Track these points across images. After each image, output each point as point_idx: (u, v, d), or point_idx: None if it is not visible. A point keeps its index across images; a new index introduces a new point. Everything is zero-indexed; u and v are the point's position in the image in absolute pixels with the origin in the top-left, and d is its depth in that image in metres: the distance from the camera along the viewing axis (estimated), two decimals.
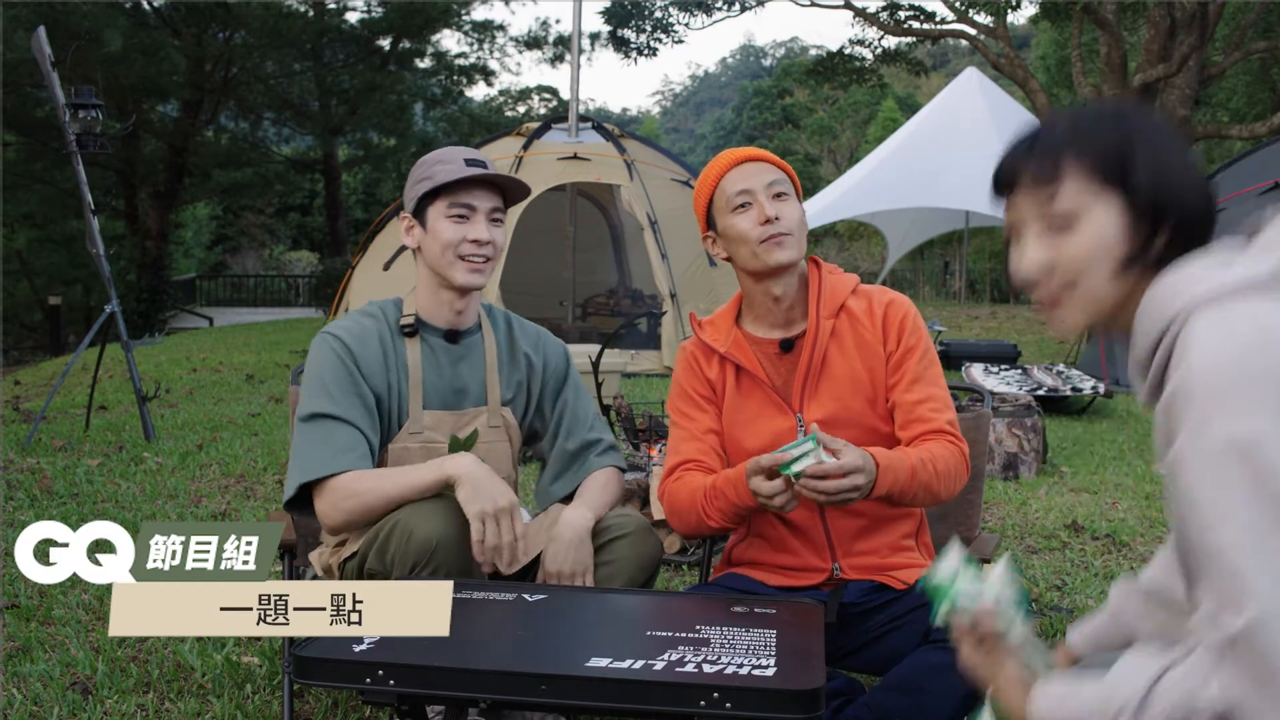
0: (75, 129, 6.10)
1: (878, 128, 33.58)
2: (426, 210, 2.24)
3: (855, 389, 2.13)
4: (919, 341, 2.15)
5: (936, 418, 2.09)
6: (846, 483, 1.86)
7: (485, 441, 2.29)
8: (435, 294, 2.28)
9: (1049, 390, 6.93)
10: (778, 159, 2.20)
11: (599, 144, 10.10)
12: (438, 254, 2.23)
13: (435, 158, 2.27)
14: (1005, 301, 24.65)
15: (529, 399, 2.39)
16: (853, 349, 2.15)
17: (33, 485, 4.71)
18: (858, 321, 2.16)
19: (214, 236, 33.78)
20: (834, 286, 2.19)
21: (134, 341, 6.16)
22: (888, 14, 13.89)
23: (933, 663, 1.92)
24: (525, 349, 2.39)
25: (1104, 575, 3.58)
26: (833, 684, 2.02)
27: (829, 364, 2.14)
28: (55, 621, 3.04)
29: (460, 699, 1.66)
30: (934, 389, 2.12)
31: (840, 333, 2.16)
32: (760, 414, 2.16)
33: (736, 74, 78.40)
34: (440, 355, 2.28)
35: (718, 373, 2.22)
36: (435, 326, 2.29)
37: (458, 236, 2.22)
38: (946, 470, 2.03)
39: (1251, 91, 21.03)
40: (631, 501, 3.97)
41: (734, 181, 2.15)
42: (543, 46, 25.33)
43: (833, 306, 2.16)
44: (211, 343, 13.45)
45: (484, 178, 2.23)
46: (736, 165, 2.17)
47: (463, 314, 2.30)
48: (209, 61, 20.89)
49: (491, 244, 2.25)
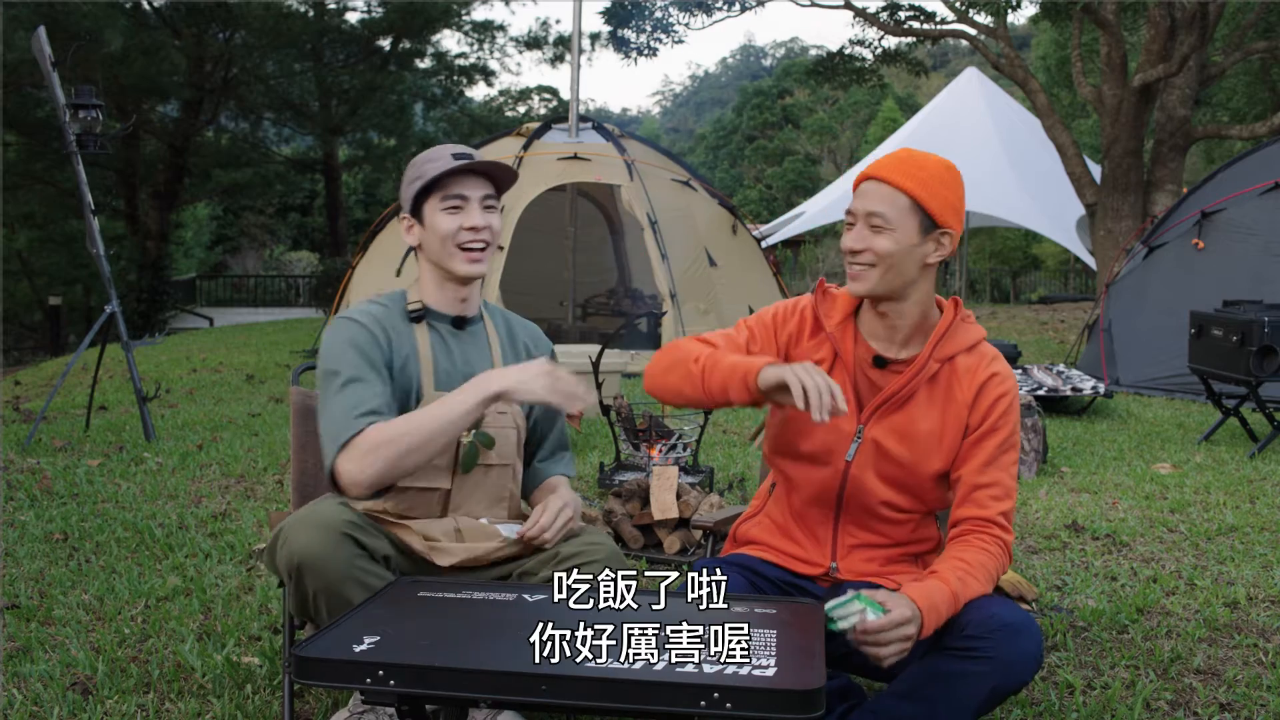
0: (75, 129, 6.10)
1: (878, 128, 33.57)
2: (423, 207, 2.32)
3: (925, 436, 2.11)
4: (1005, 425, 2.10)
5: (992, 506, 2.06)
6: (899, 633, 1.83)
7: (494, 426, 2.33)
8: (440, 286, 2.36)
9: (1049, 390, 6.93)
10: (906, 182, 2.04)
11: (599, 144, 10.10)
12: (438, 247, 2.31)
13: (425, 157, 2.35)
14: (1005, 301, 24.65)
15: None
16: (941, 399, 2.12)
17: (33, 485, 4.71)
18: (958, 377, 2.13)
19: (214, 237, 33.79)
20: (957, 335, 2.14)
21: (134, 342, 6.16)
22: (888, 14, 13.87)
23: (945, 672, 1.91)
24: (524, 340, 2.49)
25: (1104, 575, 3.58)
26: (832, 684, 2.02)
27: (913, 402, 2.12)
28: (55, 622, 3.04)
29: (460, 699, 1.66)
30: (1001, 475, 2.09)
31: (938, 379, 2.13)
32: None
33: (737, 74, 78.41)
34: (449, 340, 2.36)
35: (811, 346, 2.17)
36: (442, 314, 2.37)
37: (454, 226, 2.29)
38: (987, 575, 2.01)
39: (1251, 91, 21.01)
40: (631, 502, 3.97)
41: (852, 197, 2.12)
42: (543, 47, 25.35)
43: (946, 352, 2.13)
44: (212, 343, 13.45)
45: (472, 167, 2.31)
46: (866, 180, 2.10)
47: (467, 302, 2.38)
48: (209, 61, 20.91)
49: (488, 229, 2.32)
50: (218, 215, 33.06)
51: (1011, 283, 28.16)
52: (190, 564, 3.61)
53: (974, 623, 1.91)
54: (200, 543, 3.87)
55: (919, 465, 2.11)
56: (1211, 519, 4.29)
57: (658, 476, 3.93)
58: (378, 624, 1.77)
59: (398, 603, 1.91)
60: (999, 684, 1.89)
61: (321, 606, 2.01)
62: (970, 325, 2.18)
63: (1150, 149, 11.91)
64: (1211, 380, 5.98)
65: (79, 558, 3.68)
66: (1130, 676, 2.70)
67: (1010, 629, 1.89)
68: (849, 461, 2.13)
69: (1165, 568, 3.65)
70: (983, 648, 1.88)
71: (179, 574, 3.49)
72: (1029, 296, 24.89)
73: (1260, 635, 2.99)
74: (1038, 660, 1.91)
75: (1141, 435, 6.28)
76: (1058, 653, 2.87)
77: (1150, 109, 11.61)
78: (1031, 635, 1.90)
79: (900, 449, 2.11)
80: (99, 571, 3.51)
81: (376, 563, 2.06)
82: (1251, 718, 2.48)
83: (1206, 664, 2.78)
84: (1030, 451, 5.20)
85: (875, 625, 1.82)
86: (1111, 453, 5.73)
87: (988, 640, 1.88)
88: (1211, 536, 4.04)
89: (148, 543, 3.87)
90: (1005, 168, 18.01)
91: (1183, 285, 7.91)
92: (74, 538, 3.93)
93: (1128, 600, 3.27)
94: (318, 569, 2.00)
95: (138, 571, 3.52)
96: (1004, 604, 1.97)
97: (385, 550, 2.09)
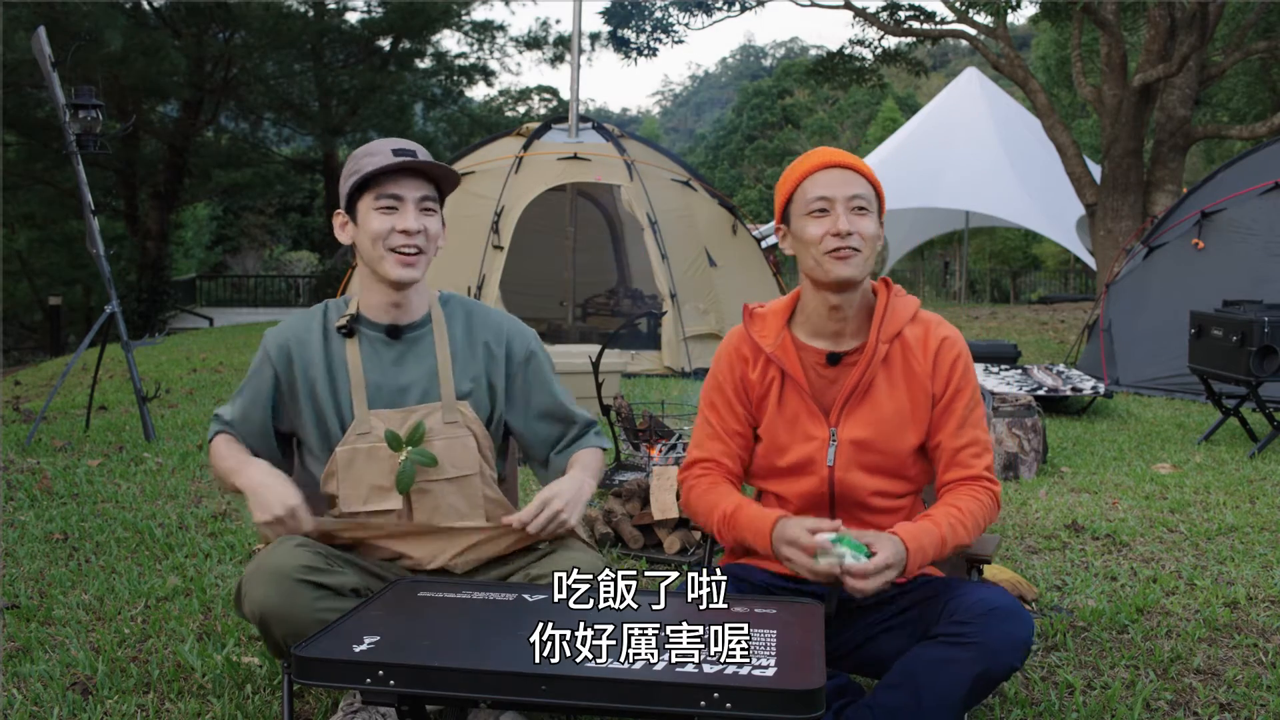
0: (75, 129, 6.10)
1: (878, 128, 33.54)
2: (357, 204, 2.21)
3: (895, 416, 2.14)
4: (967, 385, 2.16)
5: (976, 464, 2.13)
6: (882, 579, 1.89)
7: (443, 437, 2.23)
8: (372, 289, 2.25)
9: (1049, 390, 6.93)
10: (866, 169, 2.15)
11: (599, 144, 10.10)
12: (369, 248, 2.20)
13: (364, 150, 2.23)
14: (1005, 301, 24.64)
15: (492, 391, 2.32)
16: (900, 377, 2.15)
17: (33, 485, 4.71)
18: (910, 351, 2.15)
19: (214, 237, 33.77)
20: (896, 310, 2.17)
21: (134, 342, 6.15)
22: (888, 14, 13.87)
23: (930, 658, 1.92)
24: (485, 339, 2.33)
25: (1104, 575, 3.58)
26: (830, 682, 2.02)
27: (874, 388, 2.14)
28: (55, 622, 3.04)
29: (461, 699, 1.66)
30: (976, 432, 2.15)
31: (892, 359, 2.15)
32: (796, 421, 2.17)
33: (737, 74, 78.34)
34: (382, 352, 2.25)
35: (759, 375, 2.20)
36: (376, 323, 2.26)
37: (385, 228, 2.17)
38: (976, 523, 2.07)
39: (1252, 91, 21.03)
40: (631, 502, 3.97)
41: (818, 185, 2.11)
42: (543, 47, 25.35)
43: (891, 331, 2.15)
44: (212, 343, 13.44)
45: (412, 165, 2.18)
46: (825, 169, 2.13)
47: (401, 308, 2.26)
48: (209, 62, 20.90)
49: (423, 233, 2.19)
50: (218, 215, 33.06)
51: (1011, 283, 28.16)
52: (190, 564, 3.61)
53: (962, 608, 1.93)
54: (200, 543, 3.87)
55: (897, 445, 2.14)
56: (1211, 519, 4.29)
57: (658, 477, 3.93)
58: (378, 624, 1.77)
59: (398, 603, 1.91)
60: (985, 669, 1.89)
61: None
62: (904, 298, 2.22)
63: (1150, 149, 11.91)
64: (1211, 380, 5.98)
65: (79, 558, 3.68)
66: (1130, 676, 2.70)
67: (997, 613, 1.90)
68: (831, 466, 2.15)
69: (1165, 568, 3.65)
70: (968, 633, 1.89)
71: (179, 574, 3.49)
72: (1029, 296, 24.90)
73: (1260, 635, 2.99)
74: (1026, 645, 1.91)
75: (1141, 435, 6.28)
76: (1058, 653, 2.87)
77: (1150, 109, 11.60)
78: (1019, 620, 1.91)
79: (876, 436, 2.13)
80: (99, 571, 3.51)
81: (344, 597, 2.03)
82: (1252, 718, 2.48)
83: (1206, 664, 2.78)
84: (1030, 451, 5.20)
85: (859, 569, 1.87)
86: (1111, 453, 5.73)
87: (973, 625, 1.90)
88: (1211, 536, 4.04)
89: (148, 543, 3.87)
90: (1005, 168, 18.01)
91: (1183, 285, 7.90)
92: (74, 538, 3.93)
93: (1128, 600, 3.27)
94: (281, 619, 2.00)
95: (138, 571, 3.52)
96: (992, 589, 1.99)
97: (352, 582, 2.07)
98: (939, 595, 2.04)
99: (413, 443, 2.19)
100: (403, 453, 2.19)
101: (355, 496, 2.23)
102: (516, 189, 9.53)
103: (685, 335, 9.25)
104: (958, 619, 1.92)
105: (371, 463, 2.21)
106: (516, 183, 9.57)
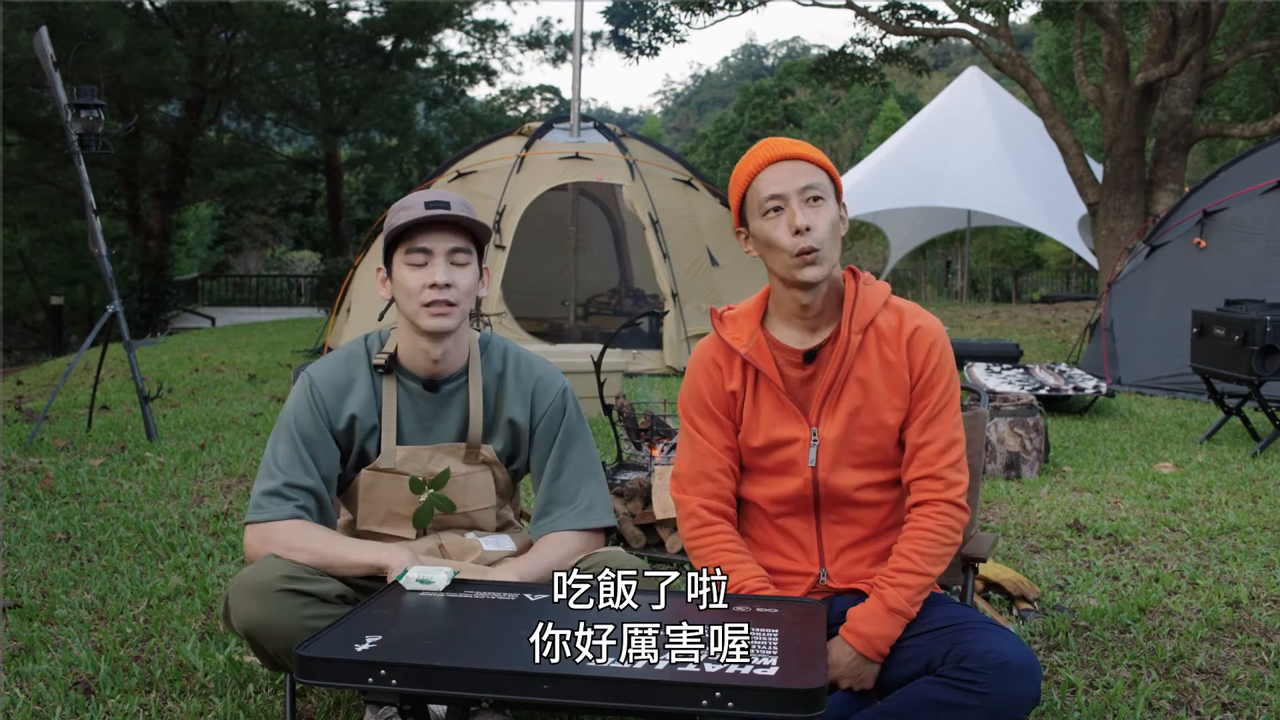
0: (77, 129, 6.10)
1: (879, 127, 33.52)
2: (392, 259, 2.21)
3: (874, 407, 2.10)
4: (941, 378, 2.11)
5: (938, 461, 2.08)
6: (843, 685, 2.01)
7: (464, 473, 2.26)
8: (413, 341, 2.23)
9: (1051, 390, 6.93)
10: (816, 155, 2.09)
11: (601, 144, 10.10)
12: (404, 301, 2.19)
13: (400, 204, 2.21)
14: (1007, 301, 24.62)
15: (517, 447, 2.35)
16: (877, 367, 2.11)
17: (35, 485, 4.71)
18: (884, 340, 2.12)
19: (216, 236, 33.79)
20: (867, 299, 2.13)
21: (136, 341, 6.16)
22: (889, 13, 13.86)
23: (936, 698, 1.89)
24: (516, 397, 2.31)
25: (1106, 575, 3.57)
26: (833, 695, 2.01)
27: (852, 380, 2.11)
28: (58, 621, 3.04)
29: (462, 698, 1.66)
30: (943, 428, 2.10)
31: (866, 349, 2.11)
32: (776, 422, 2.14)
33: (738, 73, 78.30)
34: (418, 401, 2.26)
35: (739, 380, 2.17)
36: (414, 374, 2.25)
37: (418, 284, 2.15)
38: (938, 555, 2.05)
39: (1253, 90, 21.00)
40: (633, 501, 3.97)
41: (768, 183, 2.06)
42: (544, 46, 25.35)
43: (863, 321, 2.11)
44: (214, 342, 13.45)
45: (441, 219, 2.15)
46: (772, 164, 2.07)
47: (440, 362, 2.24)
48: (211, 61, 20.90)
49: (453, 287, 2.16)
50: (220, 215, 33.07)
51: (1013, 282, 28.13)
52: (192, 563, 3.61)
53: (974, 655, 1.89)
54: (202, 542, 3.87)
55: (881, 437, 2.11)
56: (1213, 518, 4.28)
57: (659, 476, 3.93)
58: (380, 624, 1.77)
59: (399, 603, 1.91)
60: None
61: (287, 661, 2.01)
62: (874, 285, 2.17)
63: (1152, 148, 11.89)
64: (1213, 379, 5.97)
65: (81, 557, 3.68)
66: (1132, 676, 2.70)
67: (1009, 668, 1.86)
68: (814, 467, 2.12)
69: (1167, 567, 3.65)
70: (980, 682, 1.86)
71: (181, 573, 3.50)
72: (1031, 296, 24.86)
73: (1263, 635, 2.99)
74: (1034, 701, 1.88)
75: (1143, 435, 6.28)
76: (1060, 652, 2.87)
77: (1152, 108, 11.59)
78: (1030, 676, 1.87)
79: (858, 430, 2.11)
80: (101, 571, 3.51)
81: (329, 604, 2.03)
82: (1254, 717, 2.47)
83: (1209, 663, 2.78)
84: (1032, 451, 5.19)
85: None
86: (1113, 452, 5.72)
87: (984, 675, 1.86)
88: (1214, 536, 4.04)
89: (150, 542, 3.87)
90: (1007, 167, 18.00)
91: (1185, 284, 7.90)
92: (76, 537, 3.93)
93: (1130, 600, 3.27)
94: (268, 633, 2.00)
95: (140, 571, 3.52)
96: (1006, 638, 1.92)
97: (336, 589, 2.07)
98: (948, 628, 1.98)
99: (435, 486, 2.24)
100: (424, 495, 2.24)
101: (373, 517, 2.29)
102: (518, 188, 9.53)
103: (687, 334, 9.25)
104: (968, 665, 1.88)
105: (392, 491, 2.26)
106: (518, 182, 9.57)
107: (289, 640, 1.95)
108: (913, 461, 2.10)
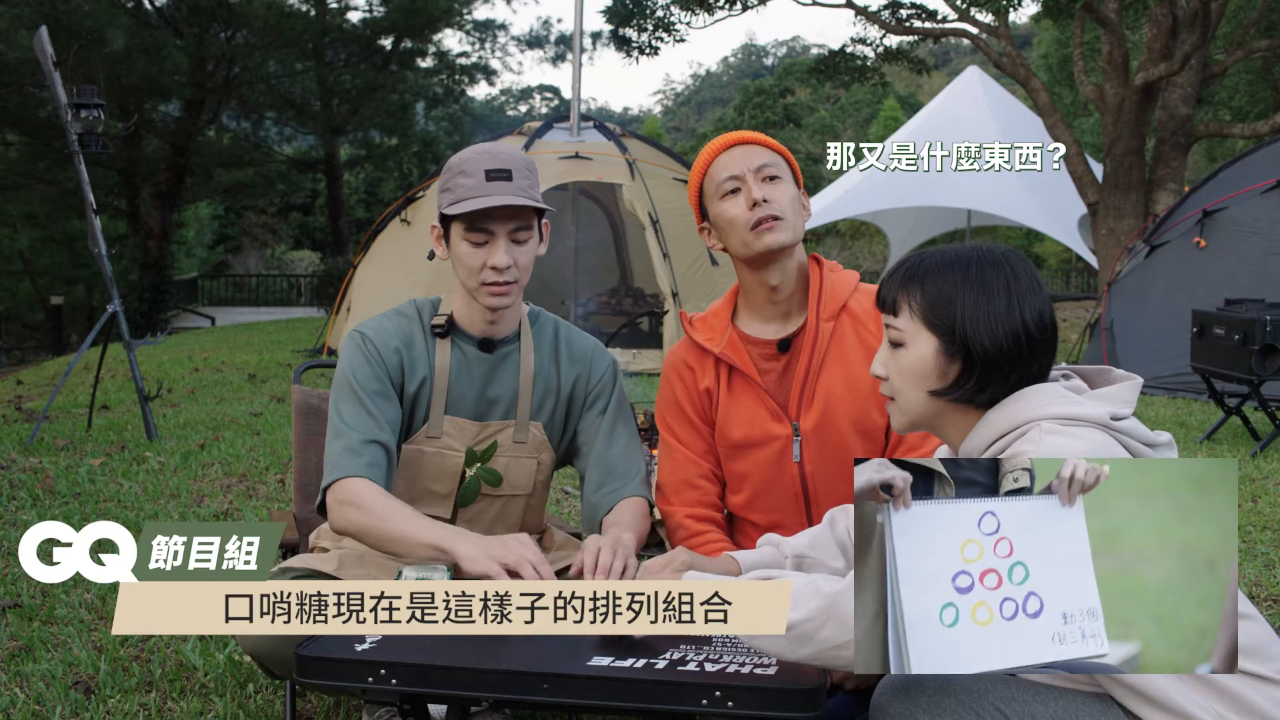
0: (77, 129, 6.10)
1: (879, 127, 33.52)
2: (450, 227, 2.14)
3: (855, 393, 2.07)
4: None
5: (923, 445, 2.04)
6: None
7: (506, 455, 2.21)
8: (468, 304, 2.19)
9: None
10: (770, 140, 2.10)
11: (601, 143, 10.10)
12: (463, 275, 2.14)
13: (459, 165, 2.12)
14: None
15: (567, 416, 2.28)
16: (854, 350, 2.08)
17: (35, 485, 4.71)
18: (860, 322, 2.09)
19: (216, 236, 33.80)
20: (834, 286, 2.11)
21: (136, 341, 6.16)
22: (889, 13, 13.86)
23: None
24: (568, 365, 2.27)
25: None
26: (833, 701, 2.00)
27: (827, 368, 2.08)
28: (58, 621, 3.04)
29: (463, 698, 1.66)
30: None
31: (841, 334, 2.09)
32: (754, 418, 2.12)
33: (738, 73, 78.27)
34: (473, 363, 2.20)
35: (712, 378, 2.14)
36: (469, 334, 2.20)
37: (477, 263, 2.10)
38: None
39: (1253, 90, 21.00)
40: None
41: (723, 167, 2.06)
42: (544, 46, 25.42)
43: (833, 308, 2.09)
44: (213, 342, 13.45)
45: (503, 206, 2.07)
46: (725, 150, 2.08)
47: (496, 324, 2.19)
48: (211, 61, 20.91)
49: (513, 267, 2.10)
50: (219, 214, 33.08)
51: None
52: None
53: None
54: None
55: (865, 423, 2.08)
56: None
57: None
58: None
59: None
60: None
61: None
62: (843, 273, 2.16)
63: (1152, 148, 11.90)
64: (1213, 379, 5.98)
65: None
66: None
67: None
68: (799, 462, 2.10)
69: None
70: None
71: None
72: None
73: None
74: None
75: None
76: None
77: (1152, 108, 11.60)
78: None
79: (840, 419, 2.07)
80: None
81: None
82: None
83: None
84: None
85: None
86: None
87: None
88: None
89: None
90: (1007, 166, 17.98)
91: (1185, 284, 7.90)
92: None
93: None
94: (274, 660, 1.99)
95: None
96: None
97: None
98: None
99: (484, 459, 2.19)
100: (472, 468, 2.18)
101: (407, 493, 2.20)
102: None
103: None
104: None
105: (431, 466, 2.19)
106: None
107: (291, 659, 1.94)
108: (899, 446, 2.08)
